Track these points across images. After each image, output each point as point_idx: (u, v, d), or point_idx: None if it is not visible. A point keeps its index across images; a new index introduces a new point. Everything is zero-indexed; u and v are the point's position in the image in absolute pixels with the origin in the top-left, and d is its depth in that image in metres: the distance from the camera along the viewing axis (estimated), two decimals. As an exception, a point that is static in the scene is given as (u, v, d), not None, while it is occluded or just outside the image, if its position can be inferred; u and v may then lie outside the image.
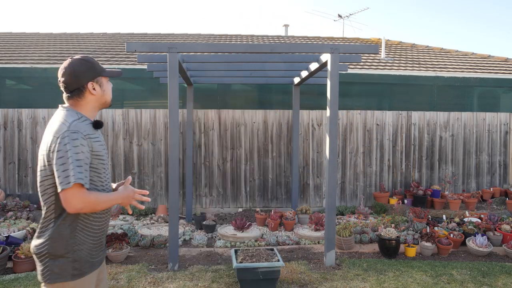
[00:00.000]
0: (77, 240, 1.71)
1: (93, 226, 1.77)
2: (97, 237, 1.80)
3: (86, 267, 1.74)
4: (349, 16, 12.71)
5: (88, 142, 1.67)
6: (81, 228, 1.72)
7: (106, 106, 1.90)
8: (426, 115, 7.37)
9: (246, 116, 7.00)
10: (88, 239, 1.75)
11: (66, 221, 1.69)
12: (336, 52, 4.21)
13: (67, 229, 1.69)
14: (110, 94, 1.88)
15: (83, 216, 1.72)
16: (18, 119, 6.77)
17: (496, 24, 49.45)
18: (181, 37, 10.20)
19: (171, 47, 4.13)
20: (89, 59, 1.82)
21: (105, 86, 1.85)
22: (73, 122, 1.68)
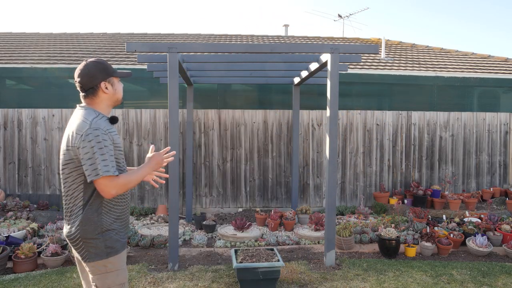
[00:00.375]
0: (104, 222, 1.94)
1: (116, 210, 2.00)
2: (121, 219, 2.04)
3: (117, 245, 1.98)
4: (349, 16, 12.71)
5: (109, 136, 1.89)
6: (105, 212, 1.95)
7: (118, 104, 2.11)
8: (426, 115, 7.37)
9: (246, 116, 7.00)
10: (114, 221, 1.99)
11: (92, 206, 1.92)
12: (336, 52, 4.21)
13: (94, 213, 1.92)
14: (121, 93, 2.09)
15: (106, 201, 1.95)
16: (18, 119, 6.77)
17: (496, 24, 49.45)
18: (181, 37, 10.20)
19: (171, 47, 4.13)
20: (102, 61, 2.04)
21: (116, 85, 2.06)
22: (93, 120, 1.88)
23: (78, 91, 2.09)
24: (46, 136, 6.78)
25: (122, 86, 2.12)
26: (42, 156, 6.78)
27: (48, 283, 3.67)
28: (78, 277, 3.81)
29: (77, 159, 1.87)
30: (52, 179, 6.79)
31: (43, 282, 3.69)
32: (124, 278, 2.02)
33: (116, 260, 1.97)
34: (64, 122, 6.78)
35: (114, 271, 1.97)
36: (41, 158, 6.78)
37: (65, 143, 1.92)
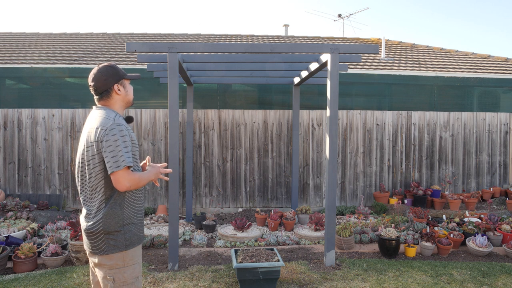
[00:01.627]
0: (126, 216, 2.06)
1: (135, 204, 2.12)
2: (139, 213, 2.17)
3: (135, 239, 2.10)
4: (349, 16, 12.71)
5: (129, 133, 2.05)
6: (127, 205, 2.07)
7: (129, 105, 2.24)
8: (426, 115, 7.37)
9: (246, 116, 7.00)
10: (134, 215, 2.11)
11: (116, 200, 2.03)
12: (336, 52, 4.20)
13: (118, 207, 2.03)
14: (131, 94, 2.23)
15: (128, 194, 2.07)
16: (18, 119, 6.77)
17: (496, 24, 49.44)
18: (181, 37, 10.20)
19: (171, 47, 4.13)
20: (114, 65, 2.16)
21: (127, 87, 2.20)
22: (116, 117, 2.04)
23: (78, 91, 2.16)
24: (46, 136, 6.78)
25: (133, 88, 2.26)
26: (42, 156, 6.78)
27: (48, 283, 3.67)
28: (78, 277, 3.81)
29: (99, 153, 1.97)
30: (52, 179, 6.79)
31: (43, 282, 3.69)
32: (139, 271, 2.12)
33: (134, 253, 2.09)
34: (64, 122, 6.77)
35: (131, 265, 2.07)
36: (41, 158, 6.78)
37: (88, 138, 2.01)
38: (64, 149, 6.79)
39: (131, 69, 6.96)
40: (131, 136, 2.07)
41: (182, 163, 6.84)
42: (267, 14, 58.87)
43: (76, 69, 6.95)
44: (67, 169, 6.79)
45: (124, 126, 2.02)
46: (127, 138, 1.99)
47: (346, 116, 7.15)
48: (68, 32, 10.82)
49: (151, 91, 6.97)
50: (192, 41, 9.76)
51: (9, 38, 9.63)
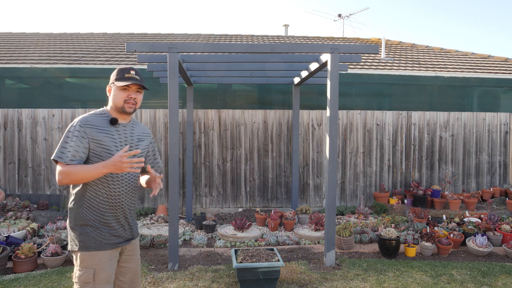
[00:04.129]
0: (83, 216, 2.04)
1: (100, 208, 2.06)
2: (106, 220, 2.08)
3: (91, 243, 2.03)
4: (349, 16, 12.71)
5: (88, 130, 2.00)
6: (86, 207, 2.04)
7: (120, 110, 2.12)
8: (426, 115, 7.37)
9: (246, 116, 7.00)
10: (95, 218, 2.05)
11: (75, 198, 2.06)
12: (336, 52, 4.20)
13: (75, 205, 2.06)
14: (118, 100, 2.11)
15: (88, 196, 2.04)
16: (18, 119, 6.77)
17: (496, 24, 49.44)
18: (181, 37, 10.20)
19: (171, 47, 4.13)
20: (120, 68, 2.14)
21: (115, 92, 2.12)
22: (85, 115, 2.07)
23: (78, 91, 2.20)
24: (46, 136, 6.78)
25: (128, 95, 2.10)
26: (42, 156, 6.78)
27: (48, 283, 3.67)
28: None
29: None
30: (52, 179, 6.79)
31: (43, 282, 3.69)
32: (91, 278, 2.01)
33: (89, 257, 2.02)
34: (64, 122, 6.77)
35: (83, 267, 2.03)
36: (41, 158, 6.78)
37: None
38: (64, 149, 6.78)
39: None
40: (93, 135, 2.00)
41: (182, 163, 6.84)
42: (267, 14, 58.85)
43: (76, 69, 6.95)
44: (67, 169, 6.78)
45: (79, 122, 2.00)
46: (77, 133, 1.96)
47: (346, 116, 7.15)
48: (68, 32, 10.82)
49: (151, 91, 6.96)
50: (192, 41, 9.76)
51: (9, 38, 9.63)
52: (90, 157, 2.02)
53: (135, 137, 2.21)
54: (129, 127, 2.19)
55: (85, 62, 7.21)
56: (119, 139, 2.11)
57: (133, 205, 2.23)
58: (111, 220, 2.09)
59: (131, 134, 2.19)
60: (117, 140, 2.10)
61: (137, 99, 2.15)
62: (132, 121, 2.25)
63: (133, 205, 2.23)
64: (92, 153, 2.02)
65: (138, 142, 2.22)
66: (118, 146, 2.08)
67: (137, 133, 2.23)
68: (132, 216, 2.24)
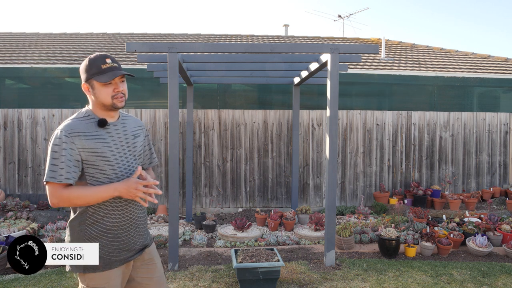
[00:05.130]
0: (87, 234, 1.79)
1: (106, 223, 1.80)
2: (114, 234, 1.82)
3: (99, 263, 1.78)
4: (349, 16, 12.71)
5: (77, 140, 1.72)
6: (90, 223, 1.79)
7: (109, 108, 1.85)
8: (426, 115, 7.37)
9: (246, 116, 7.00)
10: (102, 235, 1.80)
11: (77, 214, 1.79)
12: (336, 52, 4.20)
13: (76, 221, 1.79)
14: (104, 98, 1.81)
15: (91, 211, 1.78)
16: (18, 119, 6.77)
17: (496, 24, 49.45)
18: (181, 37, 10.20)
19: (171, 47, 4.13)
20: (91, 59, 1.83)
21: (96, 89, 1.81)
22: (68, 121, 1.78)
23: (78, 91, 2.08)
24: (46, 136, 6.78)
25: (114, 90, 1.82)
26: (42, 156, 6.78)
27: (48, 283, 3.67)
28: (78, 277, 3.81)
29: None
30: (52, 179, 6.78)
31: (43, 282, 3.69)
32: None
33: (95, 277, 1.80)
34: (64, 122, 6.77)
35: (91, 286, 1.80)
36: (41, 158, 6.78)
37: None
38: (64, 149, 6.78)
39: (131, 69, 6.97)
40: (83, 144, 1.73)
41: (182, 163, 6.84)
42: (267, 14, 58.85)
43: (76, 69, 6.95)
44: (67, 169, 6.78)
45: (63, 133, 1.71)
46: (64, 145, 1.69)
47: (346, 116, 7.15)
48: (68, 32, 10.82)
49: (151, 91, 6.97)
50: (192, 41, 9.76)
51: (9, 38, 9.63)
52: (84, 168, 1.76)
53: (129, 135, 1.93)
54: (120, 125, 1.91)
55: (85, 62, 7.20)
56: (113, 142, 1.84)
57: (142, 211, 1.96)
58: (119, 234, 1.83)
59: (124, 133, 1.91)
60: (111, 144, 1.83)
61: (124, 90, 1.86)
62: (121, 116, 1.95)
63: (142, 211, 1.96)
64: (86, 164, 1.76)
65: (134, 139, 1.95)
66: (114, 151, 1.82)
67: (131, 129, 1.95)
68: (143, 223, 1.96)
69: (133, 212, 1.88)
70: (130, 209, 1.87)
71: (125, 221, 1.85)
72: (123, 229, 1.85)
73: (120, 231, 1.84)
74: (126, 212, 1.85)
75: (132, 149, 1.92)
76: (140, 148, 1.99)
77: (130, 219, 1.87)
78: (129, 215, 1.87)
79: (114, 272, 1.82)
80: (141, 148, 2.01)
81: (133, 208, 1.89)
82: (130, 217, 1.87)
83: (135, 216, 1.90)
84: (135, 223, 1.90)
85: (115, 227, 1.82)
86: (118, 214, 1.83)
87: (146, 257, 1.98)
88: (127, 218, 1.86)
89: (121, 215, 1.84)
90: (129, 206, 1.86)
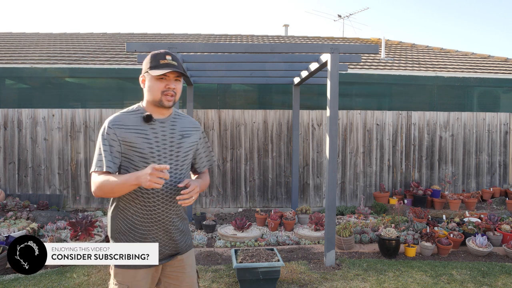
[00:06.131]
0: (117, 228, 1.84)
1: (134, 220, 1.82)
2: (141, 234, 1.82)
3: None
4: (349, 16, 12.71)
5: (118, 131, 1.75)
6: (120, 218, 1.84)
7: (157, 104, 1.82)
8: (426, 115, 7.37)
9: (246, 116, 7.00)
10: (128, 231, 1.83)
11: (111, 206, 1.86)
12: (336, 52, 4.20)
13: (111, 214, 1.86)
14: (154, 92, 1.80)
15: (122, 206, 1.83)
16: (18, 119, 6.77)
17: (496, 24, 49.46)
18: (181, 37, 10.20)
19: (171, 47, 4.14)
20: (153, 54, 1.83)
21: (150, 82, 1.81)
22: (116, 114, 1.82)
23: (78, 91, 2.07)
24: (46, 136, 6.78)
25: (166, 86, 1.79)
26: (42, 156, 6.78)
27: (48, 283, 3.67)
28: (78, 277, 3.81)
29: None
30: (52, 179, 6.79)
31: (43, 282, 3.69)
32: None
33: (120, 273, 1.83)
34: (64, 122, 6.77)
35: (116, 283, 1.83)
36: (41, 158, 6.78)
37: None
38: (64, 149, 6.79)
39: (131, 69, 6.97)
40: (124, 136, 1.75)
41: (182, 163, 6.83)
42: (267, 14, 58.87)
43: (76, 69, 6.95)
44: (67, 169, 6.79)
45: (107, 124, 1.76)
46: (107, 136, 1.74)
47: (346, 116, 7.15)
48: (68, 32, 10.82)
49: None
50: (192, 41, 9.76)
51: (9, 38, 9.63)
52: (121, 161, 1.78)
53: (176, 134, 1.86)
54: (168, 123, 1.86)
55: (85, 62, 7.21)
56: (155, 139, 1.79)
57: (179, 218, 1.92)
58: (146, 234, 1.83)
59: (171, 131, 1.85)
60: (152, 140, 1.79)
61: (177, 89, 1.82)
62: (173, 114, 1.91)
63: (177, 218, 1.91)
64: (124, 157, 1.77)
65: (181, 139, 1.88)
66: (153, 148, 1.78)
67: (180, 129, 1.89)
68: (177, 230, 1.91)
69: (165, 216, 1.85)
70: (160, 211, 1.83)
71: (154, 222, 1.83)
72: (151, 230, 1.84)
73: (147, 231, 1.83)
74: (155, 213, 1.82)
75: (176, 149, 1.86)
76: (186, 149, 1.90)
77: (159, 221, 1.85)
78: (159, 217, 1.84)
79: (138, 272, 1.82)
80: (188, 149, 1.92)
81: (165, 212, 1.85)
82: (160, 219, 1.84)
83: (167, 220, 1.86)
84: (166, 227, 1.86)
85: (142, 226, 1.82)
86: (146, 213, 1.81)
87: (176, 264, 1.95)
88: (155, 219, 1.83)
89: (150, 215, 1.82)
90: (158, 209, 1.83)
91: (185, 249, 1.98)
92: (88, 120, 6.77)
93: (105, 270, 3.96)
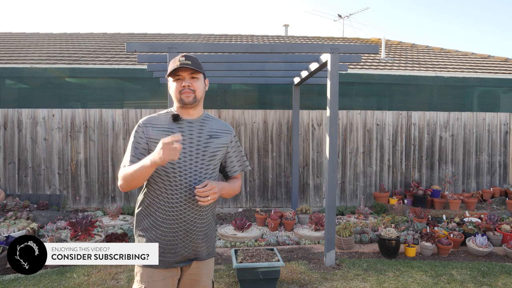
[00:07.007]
0: (142, 225, 1.88)
1: (156, 217, 1.84)
2: (163, 231, 1.84)
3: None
4: (349, 16, 12.71)
5: (146, 130, 1.84)
6: (144, 214, 1.88)
7: (180, 104, 1.87)
8: (426, 115, 7.37)
9: (246, 116, 7.00)
10: (152, 228, 1.85)
11: (138, 205, 1.92)
12: (336, 52, 4.20)
13: (137, 210, 1.92)
14: (174, 93, 1.87)
15: (147, 201, 1.87)
16: (18, 119, 6.77)
17: (496, 24, 49.48)
18: (181, 37, 10.20)
19: (171, 47, 4.14)
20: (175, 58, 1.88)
21: (170, 85, 1.90)
22: (151, 115, 1.92)
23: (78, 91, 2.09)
24: (46, 136, 6.78)
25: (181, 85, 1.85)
26: (42, 156, 6.78)
27: (48, 283, 3.67)
28: (78, 277, 3.81)
29: None
30: (52, 179, 6.79)
31: (43, 282, 3.69)
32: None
33: (139, 271, 1.86)
34: (64, 122, 6.77)
35: (136, 282, 1.86)
36: (41, 158, 6.78)
37: None
38: (64, 149, 6.79)
39: (131, 69, 6.97)
40: (150, 134, 1.82)
41: (182, 163, 6.83)
42: (267, 14, 58.90)
43: (76, 69, 6.95)
44: (67, 169, 6.79)
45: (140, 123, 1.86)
46: (135, 134, 1.85)
47: (346, 116, 7.15)
48: (68, 32, 10.82)
49: (151, 91, 6.97)
50: (192, 41, 9.76)
51: (9, 38, 9.63)
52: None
53: (204, 134, 1.88)
54: (197, 124, 1.89)
55: (85, 62, 7.21)
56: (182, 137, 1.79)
57: (200, 218, 1.89)
58: (167, 232, 1.84)
59: (199, 132, 1.88)
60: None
61: (194, 85, 1.84)
62: (203, 116, 1.94)
63: (200, 219, 1.89)
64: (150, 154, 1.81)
65: (209, 139, 1.89)
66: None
67: (209, 129, 1.91)
68: (200, 233, 1.89)
69: (187, 215, 1.85)
70: (182, 209, 1.84)
71: (175, 220, 1.84)
72: (172, 228, 1.84)
73: (168, 229, 1.84)
74: (177, 211, 1.83)
75: (203, 148, 1.87)
76: (214, 149, 1.90)
77: (181, 220, 1.85)
78: (181, 216, 1.84)
79: (156, 272, 1.83)
80: (216, 150, 1.91)
81: (188, 211, 1.85)
82: (181, 218, 1.84)
83: (189, 219, 1.86)
84: (188, 228, 1.86)
85: (164, 223, 1.83)
86: (169, 210, 1.83)
87: (191, 271, 1.93)
88: (177, 217, 1.84)
89: (172, 212, 1.83)
90: (181, 207, 1.83)
91: (205, 256, 1.95)
92: (88, 120, 6.77)
93: (105, 270, 3.96)
